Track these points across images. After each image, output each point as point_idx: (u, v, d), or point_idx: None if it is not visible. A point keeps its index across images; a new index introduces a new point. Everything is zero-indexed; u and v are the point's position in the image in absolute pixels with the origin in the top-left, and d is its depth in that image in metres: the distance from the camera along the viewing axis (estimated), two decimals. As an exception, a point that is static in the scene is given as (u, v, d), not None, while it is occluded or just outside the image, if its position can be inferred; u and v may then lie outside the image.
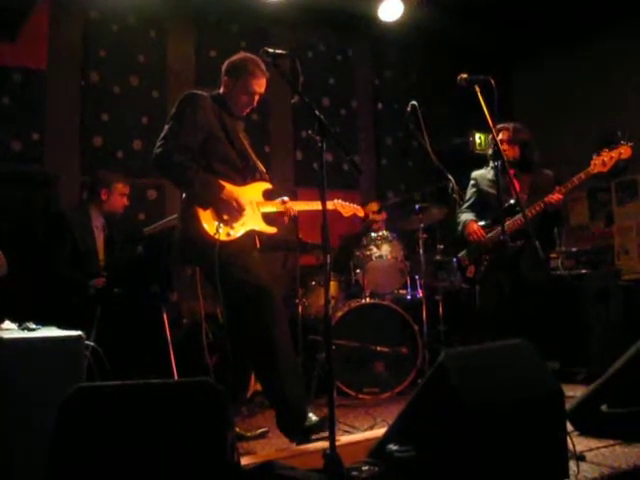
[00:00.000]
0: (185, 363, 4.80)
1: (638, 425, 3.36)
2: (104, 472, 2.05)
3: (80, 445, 2.05)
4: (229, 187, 3.77)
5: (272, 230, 3.99)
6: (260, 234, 3.99)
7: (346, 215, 4.55)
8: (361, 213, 4.70)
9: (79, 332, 2.83)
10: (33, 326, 3.02)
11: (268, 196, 4.08)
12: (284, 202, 4.06)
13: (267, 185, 4.09)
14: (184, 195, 3.89)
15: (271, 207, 4.02)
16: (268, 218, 4.00)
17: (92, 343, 3.17)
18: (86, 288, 4.97)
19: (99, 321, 4.59)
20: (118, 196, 5.40)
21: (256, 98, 4.02)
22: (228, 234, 3.70)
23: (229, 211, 3.74)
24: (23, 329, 2.98)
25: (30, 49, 6.13)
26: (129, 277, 4.87)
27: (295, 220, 4.42)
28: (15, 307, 3.46)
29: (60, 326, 3.09)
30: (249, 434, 4.06)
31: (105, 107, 6.50)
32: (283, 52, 3.68)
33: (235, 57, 4.05)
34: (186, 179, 3.71)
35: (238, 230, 3.77)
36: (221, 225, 3.66)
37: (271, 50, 3.68)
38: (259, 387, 5.07)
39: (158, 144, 3.75)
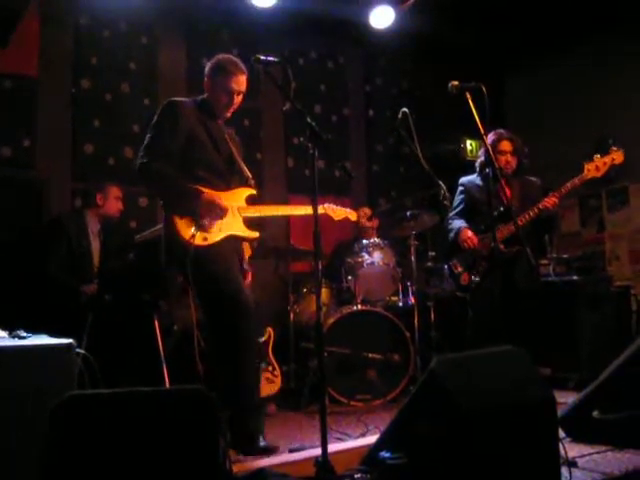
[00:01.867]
0: (177, 371, 4.79)
1: (629, 431, 3.37)
2: (95, 480, 2.04)
3: (72, 453, 2.04)
4: (209, 192, 3.76)
5: (254, 235, 3.98)
6: (241, 239, 3.99)
7: (337, 219, 4.50)
8: (353, 216, 4.65)
9: (70, 340, 2.82)
10: (24, 334, 3.01)
11: (252, 202, 4.06)
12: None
13: (251, 191, 4.08)
14: (162, 202, 3.94)
15: (253, 212, 4.01)
16: (250, 223, 3.99)
17: (83, 351, 3.15)
18: (77, 294, 4.96)
19: (90, 328, 4.58)
20: (113, 200, 5.45)
21: (236, 98, 4.01)
22: (205, 239, 3.70)
23: (210, 214, 3.73)
24: (13, 337, 2.97)
25: (21, 55, 6.10)
26: (120, 284, 4.86)
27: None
28: (5, 315, 3.44)
29: (51, 334, 3.07)
30: None
31: (96, 114, 6.48)
32: (274, 59, 3.68)
33: (213, 59, 4.09)
34: (164, 188, 3.79)
35: (216, 235, 3.76)
36: (197, 231, 3.65)
37: (262, 57, 3.68)
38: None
39: (139, 154, 3.81)
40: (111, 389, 2.23)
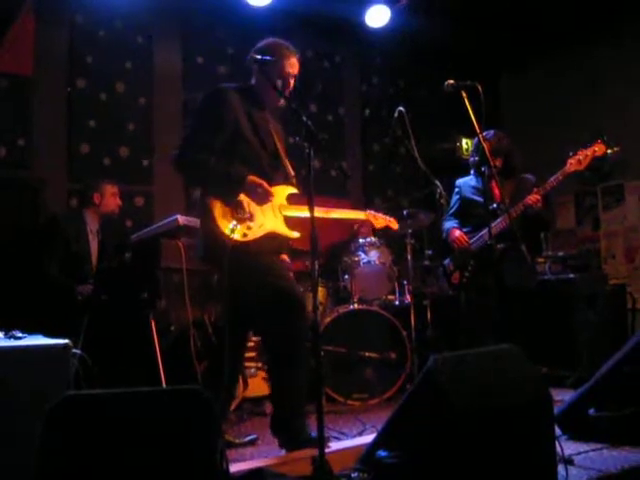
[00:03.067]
0: (173, 370, 4.78)
1: (626, 428, 3.38)
2: (92, 481, 2.04)
3: (68, 454, 2.04)
4: (254, 176, 3.58)
5: (294, 235, 3.79)
6: (281, 237, 3.79)
7: (378, 227, 4.32)
8: (395, 225, 4.43)
9: (66, 340, 2.81)
10: (19, 334, 3.00)
11: (293, 200, 3.89)
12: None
13: (292, 189, 3.91)
14: (200, 193, 3.69)
15: (294, 211, 3.83)
16: (291, 222, 3.83)
17: (79, 351, 3.15)
18: (73, 294, 4.95)
19: (87, 328, 4.57)
20: (111, 197, 5.47)
21: (291, 81, 3.84)
22: (244, 234, 3.52)
23: (256, 196, 3.58)
24: (9, 337, 2.96)
25: (16, 55, 6.09)
26: (117, 284, 4.85)
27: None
28: (1, 315, 3.44)
29: (47, 334, 3.07)
30: (237, 441, 4.05)
31: (92, 114, 6.46)
32: (270, 58, 3.68)
33: (261, 43, 3.85)
34: (206, 173, 3.55)
35: (256, 232, 3.59)
36: (237, 225, 3.47)
37: (258, 56, 3.68)
38: (247, 394, 5.08)
39: (179, 145, 3.65)
40: (108, 389, 2.22)
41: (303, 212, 3.76)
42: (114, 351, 4.66)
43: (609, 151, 4.77)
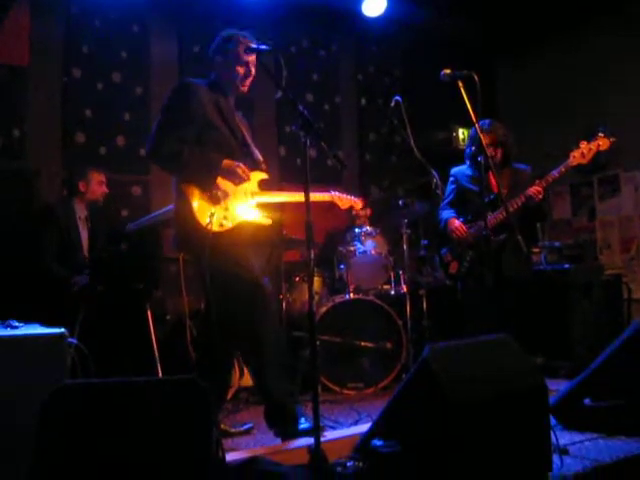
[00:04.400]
0: (169, 360, 4.79)
1: (621, 418, 3.39)
2: (89, 470, 2.04)
3: (64, 443, 2.04)
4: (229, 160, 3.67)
5: (267, 222, 3.88)
6: (254, 225, 3.87)
7: (343, 207, 4.40)
8: (359, 205, 4.53)
9: (62, 329, 2.81)
10: (16, 323, 3.01)
11: (263, 186, 3.96)
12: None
13: (263, 175, 3.98)
14: (177, 182, 3.74)
15: (267, 197, 3.93)
16: (263, 209, 3.90)
17: (75, 340, 3.15)
18: (70, 284, 4.95)
19: (83, 318, 4.57)
20: (96, 184, 5.45)
21: (252, 69, 3.88)
22: (221, 224, 3.61)
23: (235, 177, 3.67)
24: (6, 327, 2.96)
25: (11, 45, 6.06)
26: (113, 274, 4.85)
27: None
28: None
29: (43, 323, 3.07)
30: (233, 430, 4.06)
31: (88, 103, 6.44)
32: (266, 47, 3.67)
33: (218, 36, 3.93)
34: (181, 162, 3.60)
35: (231, 221, 3.67)
36: (213, 216, 3.56)
37: (254, 46, 3.67)
38: (243, 383, 5.09)
39: (152, 137, 3.68)
40: (103, 379, 2.23)
41: (275, 197, 3.98)
42: (110, 340, 4.66)
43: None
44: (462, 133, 7.96)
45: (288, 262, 6.23)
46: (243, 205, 3.79)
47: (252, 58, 3.85)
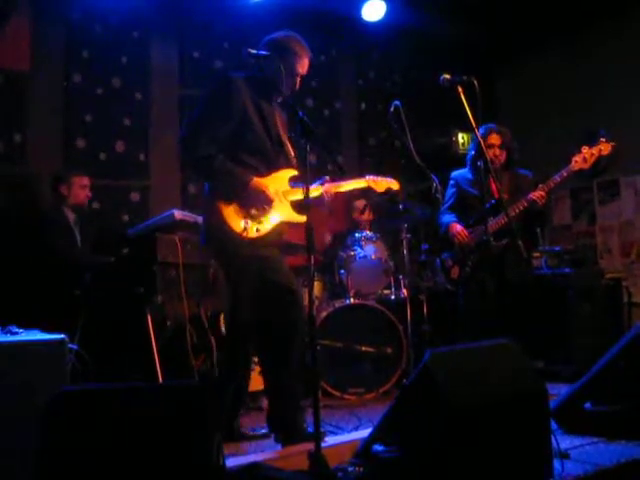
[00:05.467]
0: (170, 365, 4.79)
1: (621, 422, 3.39)
2: (89, 475, 2.04)
3: (65, 448, 2.04)
4: (257, 180, 3.62)
5: (302, 219, 3.75)
6: (290, 224, 3.84)
7: (379, 191, 4.30)
8: (396, 186, 4.38)
9: (62, 335, 2.82)
10: (16, 329, 3.01)
11: (295, 182, 3.90)
12: (323, 183, 3.93)
13: (292, 171, 3.90)
14: (206, 188, 3.76)
15: (299, 194, 3.81)
16: (298, 206, 3.84)
17: (76, 346, 3.15)
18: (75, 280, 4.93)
19: (83, 324, 4.57)
20: (78, 189, 5.41)
21: (298, 80, 3.88)
22: (257, 230, 3.59)
23: (258, 204, 3.62)
24: (6, 333, 2.96)
25: (12, 50, 6.07)
26: (113, 279, 4.85)
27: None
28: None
29: (43, 329, 3.07)
30: (252, 433, 4.03)
31: (88, 108, 6.45)
32: (266, 53, 3.68)
33: (276, 34, 3.87)
34: (211, 171, 3.59)
35: (267, 225, 3.65)
36: (248, 221, 3.54)
37: (254, 51, 3.68)
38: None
39: (185, 129, 3.68)
40: (104, 384, 2.23)
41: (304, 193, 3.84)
42: (110, 346, 4.66)
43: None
44: (462, 138, 7.96)
45: (288, 267, 6.22)
46: (277, 206, 3.73)
47: (304, 70, 3.86)
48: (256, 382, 4.97)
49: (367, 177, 4.24)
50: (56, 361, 2.77)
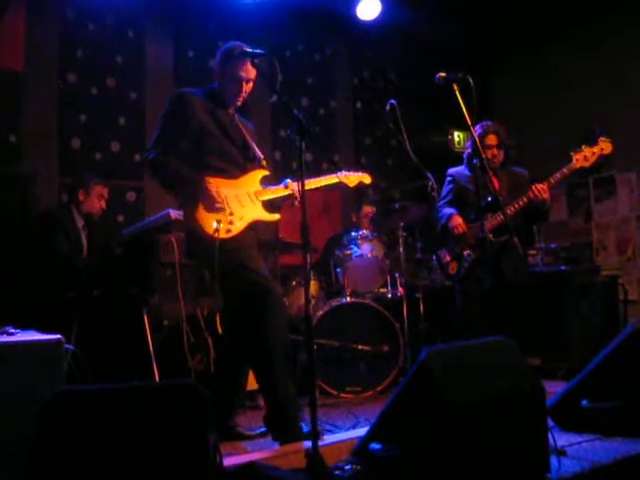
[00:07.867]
0: (166, 365, 4.78)
1: (618, 419, 3.39)
2: (86, 475, 2.04)
3: (62, 449, 2.04)
4: (214, 180, 3.71)
5: (275, 217, 3.92)
6: (262, 223, 3.92)
7: (352, 185, 4.40)
8: (367, 180, 4.53)
9: (59, 336, 2.81)
10: (12, 330, 3.00)
11: (267, 182, 3.99)
12: (287, 185, 3.96)
13: (263, 172, 4.00)
14: (180, 196, 3.91)
15: (271, 194, 3.93)
16: (271, 206, 3.93)
17: (72, 346, 3.15)
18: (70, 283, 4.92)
19: (79, 324, 4.56)
20: (96, 198, 5.41)
21: (244, 85, 3.90)
22: (228, 230, 3.65)
23: (210, 204, 3.67)
24: (2, 333, 2.96)
25: (6, 50, 6.05)
26: (109, 279, 4.84)
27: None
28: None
29: (40, 330, 3.07)
30: (249, 433, 4.02)
31: (83, 108, 6.44)
32: (261, 52, 3.68)
33: (223, 47, 3.97)
34: (170, 176, 3.74)
35: (238, 225, 3.71)
36: (220, 222, 3.60)
37: (249, 50, 3.69)
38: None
39: (148, 148, 3.81)
40: (100, 384, 2.22)
41: (278, 193, 3.95)
42: (107, 346, 4.65)
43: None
44: (458, 136, 7.98)
45: (284, 266, 6.23)
46: (248, 207, 3.82)
47: (248, 75, 3.89)
48: (253, 381, 4.98)
49: (339, 173, 4.33)
50: (53, 361, 2.77)
